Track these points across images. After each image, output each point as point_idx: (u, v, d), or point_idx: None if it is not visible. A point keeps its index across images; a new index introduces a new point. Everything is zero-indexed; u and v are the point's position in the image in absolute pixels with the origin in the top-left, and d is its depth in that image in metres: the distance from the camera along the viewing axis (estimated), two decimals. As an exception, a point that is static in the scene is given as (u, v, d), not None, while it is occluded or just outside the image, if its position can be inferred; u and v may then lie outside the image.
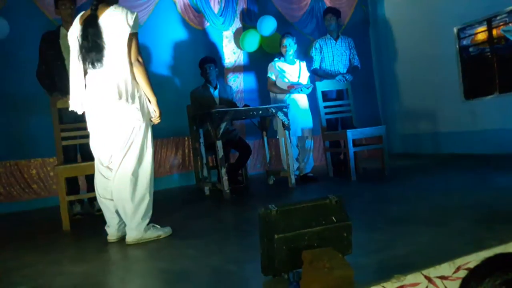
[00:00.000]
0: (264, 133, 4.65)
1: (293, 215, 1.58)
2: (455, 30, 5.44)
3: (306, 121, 4.54)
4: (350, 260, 1.47)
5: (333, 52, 4.73)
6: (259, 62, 5.64)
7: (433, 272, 1.49)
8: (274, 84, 4.56)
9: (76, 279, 1.99)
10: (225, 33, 5.63)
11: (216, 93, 4.59)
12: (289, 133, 4.11)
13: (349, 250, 1.62)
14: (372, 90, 6.65)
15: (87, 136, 3.50)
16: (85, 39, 2.46)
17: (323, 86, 4.61)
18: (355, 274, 1.36)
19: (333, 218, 1.60)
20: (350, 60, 4.82)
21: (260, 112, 4.08)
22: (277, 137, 4.60)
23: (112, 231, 2.67)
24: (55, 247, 2.71)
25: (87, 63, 2.48)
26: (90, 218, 3.66)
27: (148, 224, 2.59)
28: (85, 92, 2.54)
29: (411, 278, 1.46)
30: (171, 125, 5.13)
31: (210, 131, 3.93)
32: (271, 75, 4.56)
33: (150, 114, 2.60)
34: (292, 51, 4.52)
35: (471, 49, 5.44)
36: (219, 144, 3.81)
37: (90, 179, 3.76)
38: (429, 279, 1.48)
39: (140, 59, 2.50)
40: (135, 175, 2.52)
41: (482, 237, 1.87)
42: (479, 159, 4.72)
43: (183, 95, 4.92)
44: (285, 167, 4.32)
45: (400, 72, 6.37)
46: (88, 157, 3.75)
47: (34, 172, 4.55)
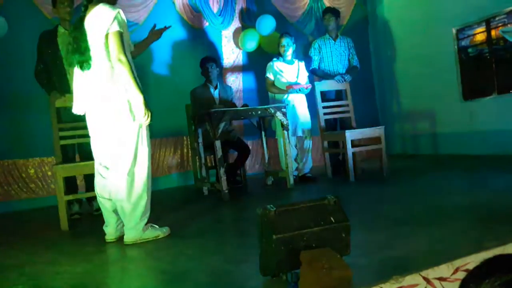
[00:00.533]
0: (263, 133, 4.65)
1: (291, 215, 1.58)
2: (454, 31, 5.45)
3: (304, 121, 4.54)
4: (349, 261, 1.47)
5: (332, 52, 4.73)
6: (258, 62, 5.63)
7: (431, 273, 1.49)
8: (273, 84, 4.56)
9: (75, 279, 1.99)
10: (224, 33, 5.62)
11: (216, 93, 4.58)
12: (287, 133, 4.11)
13: (348, 250, 1.62)
14: (371, 90, 6.65)
15: (86, 136, 3.49)
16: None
17: (322, 86, 4.60)
18: (353, 275, 1.36)
19: (332, 218, 1.60)
20: (349, 60, 4.82)
21: (259, 112, 4.08)
22: (276, 137, 4.60)
23: (110, 230, 2.67)
24: (54, 247, 2.70)
25: (74, 65, 2.50)
26: (88, 217, 3.66)
27: (146, 224, 2.59)
28: (82, 93, 2.55)
29: (409, 279, 1.46)
30: (169, 124, 5.14)
31: (209, 131, 3.93)
32: (270, 75, 4.56)
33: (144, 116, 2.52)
34: (290, 51, 4.52)
35: (470, 50, 5.45)
36: (217, 144, 3.81)
37: (89, 178, 3.76)
38: (427, 280, 1.48)
39: (122, 57, 2.40)
40: (131, 175, 2.51)
41: (480, 238, 1.87)
42: (477, 160, 4.73)
43: (181, 94, 4.91)
44: (283, 167, 4.32)
45: (399, 73, 6.37)
46: (87, 156, 3.75)
47: (32, 171, 4.54)
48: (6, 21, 4.26)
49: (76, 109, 2.61)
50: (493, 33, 5.09)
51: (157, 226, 2.65)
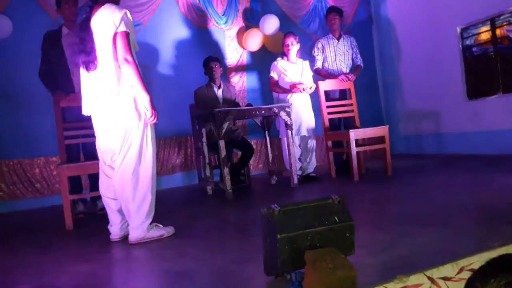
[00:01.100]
0: (267, 132, 4.65)
1: (295, 215, 1.58)
2: (458, 30, 5.42)
3: (308, 121, 4.53)
4: (353, 261, 1.47)
5: (335, 52, 4.73)
6: (261, 61, 5.63)
7: (436, 273, 1.49)
8: (277, 83, 4.55)
9: (79, 278, 2.00)
10: (228, 33, 5.63)
11: (219, 93, 4.59)
12: (291, 133, 4.11)
13: (352, 250, 1.62)
14: (375, 90, 6.64)
15: (90, 135, 3.52)
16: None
17: (326, 85, 4.60)
18: (357, 275, 1.36)
19: (336, 218, 1.60)
20: (353, 60, 4.81)
21: (263, 112, 4.08)
22: (280, 136, 4.60)
23: (115, 230, 2.68)
24: (58, 246, 2.71)
25: (81, 65, 2.51)
26: (93, 217, 3.67)
27: (151, 224, 2.59)
28: (88, 94, 2.57)
29: (413, 279, 1.45)
30: (173, 124, 5.15)
31: (213, 130, 3.94)
32: (274, 74, 4.56)
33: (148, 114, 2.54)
34: (295, 50, 4.52)
35: (474, 49, 5.43)
36: (221, 143, 3.81)
37: (93, 178, 3.78)
38: (432, 280, 1.48)
39: (128, 57, 2.43)
40: (136, 175, 2.52)
41: (485, 238, 1.86)
42: (482, 160, 4.71)
43: (185, 94, 4.92)
44: (287, 166, 4.32)
45: (403, 72, 6.35)
46: (91, 156, 3.77)
47: (37, 171, 4.56)
48: (11, 21, 4.28)
49: (86, 110, 2.62)
50: (498, 32, 5.07)
51: (161, 226, 2.65)
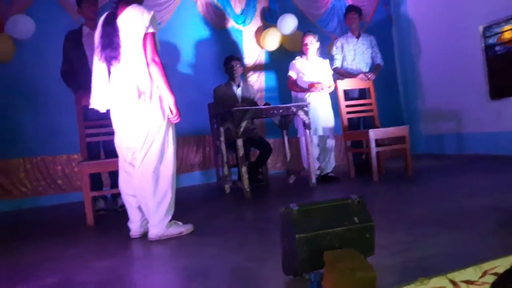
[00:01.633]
0: (285, 131, 4.64)
1: (314, 215, 1.57)
2: (481, 29, 5.31)
3: (327, 120, 4.50)
4: (373, 262, 1.45)
5: (354, 51, 4.68)
6: (279, 60, 5.62)
7: (458, 276, 1.46)
8: (295, 82, 4.54)
9: (100, 274, 2.03)
10: (246, 32, 5.63)
11: (238, 91, 4.60)
12: (310, 132, 4.09)
13: (372, 251, 1.60)
14: (395, 89, 6.55)
15: (111, 133, 3.56)
16: (102, 36, 2.52)
17: (345, 84, 4.56)
18: (377, 276, 1.35)
19: (355, 218, 1.59)
20: (372, 59, 4.76)
21: (281, 111, 4.07)
22: (298, 135, 4.58)
23: (134, 227, 2.71)
24: (80, 242, 2.77)
25: (104, 59, 2.52)
26: (113, 213, 3.73)
27: (170, 221, 2.62)
28: (107, 90, 2.57)
29: (435, 282, 1.43)
30: (192, 123, 5.18)
31: (231, 129, 3.95)
32: (292, 73, 4.55)
33: (162, 114, 2.57)
34: (314, 49, 4.49)
35: (497, 48, 5.30)
36: (239, 142, 3.82)
37: (113, 175, 3.83)
38: (454, 283, 1.45)
39: (156, 58, 2.49)
40: (157, 173, 2.55)
41: (509, 241, 1.82)
42: (504, 161, 4.60)
43: (204, 93, 4.95)
44: (305, 166, 4.30)
45: (423, 71, 6.25)
46: (111, 153, 3.81)
47: (59, 168, 4.65)
48: (33, 21, 4.37)
49: (95, 105, 2.61)
50: (522, 30, 4.95)
51: (180, 223, 2.68)
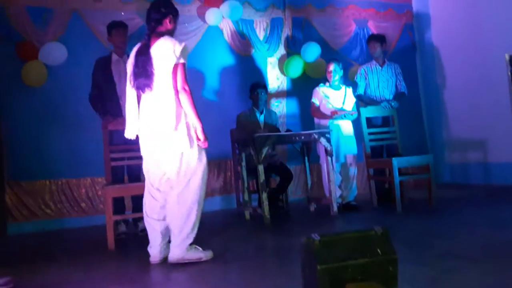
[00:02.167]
0: (306, 158, 4.62)
1: (337, 246, 1.55)
2: (507, 57, 5.24)
3: (350, 148, 4.47)
4: (396, 296, 1.42)
5: (378, 78, 4.68)
6: (302, 87, 5.66)
7: (486, 314, 1.41)
8: (318, 109, 4.55)
9: (120, 299, 2.03)
10: (270, 59, 5.72)
11: (261, 118, 4.64)
12: (331, 159, 4.06)
13: (395, 285, 1.56)
14: (419, 117, 6.48)
15: (135, 158, 3.65)
16: (136, 65, 2.65)
17: (368, 112, 4.54)
18: (401, 312, 1.31)
19: (378, 250, 1.56)
20: (396, 87, 4.75)
21: (303, 138, 4.07)
22: (320, 162, 4.55)
23: (154, 252, 2.72)
24: (101, 265, 2.79)
25: (136, 87, 2.65)
26: (134, 237, 3.75)
27: (191, 244, 2.63)
28: (137, 117, 2.70)
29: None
30: (214, 147, 5.18)
31: (253, 155, 3.96)
32: (315, 100, 4.56)
33: (195, 142, 2.67)
34: (338, 77, 4.51)
35: (524, 76, 5.22)
36: (260, 168, 3.83)
37: (136, 199, 3.87)
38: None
39: (186, 87, 2.60)
40: (184, 196, 2.62)
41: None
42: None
43: (227, 118, 5.01)
44: (327, 194, 4.26)
45: (448, 99, 6.18)
46: (135, 178, 3.89)
47: (83, 190, 4.73)
48: (66, 48, 4.55)
49: (129, 135, 2.76)
50: (550, 59, 4.86)
51: (200, 249, 2.67)
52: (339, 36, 6.05)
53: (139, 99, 2.69)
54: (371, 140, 4.50)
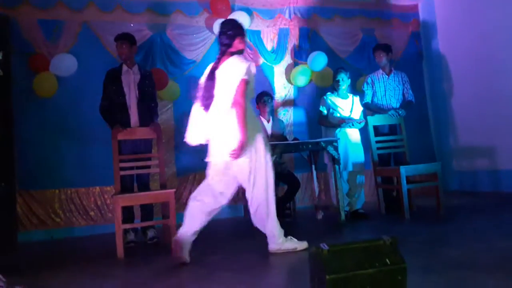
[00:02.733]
0: (314, 166, 4.63)
1: (345, 255, 1.56)
2: (515, 64, 5.24)
3: (357, 156, 4.48)
4: (406, 306, 1.42)
5: (385, 87, 4.69)
6: (308, 96, 5.70)
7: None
8: (326, 118, 4.56)
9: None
10: (277, 69, 5.76)
11: (268, 127, 4.67)
12: (339, 168, 4.07)
13: (404, 294, 1.57)
14: (426, 125, 6.47)
15: (144, 167, 3.69)
16: (205, 88, 2.97)
17: (375, 120, 4.55)
18: (411, 321, 1.32)
19: (387, 260, 1.57)
20: (403, 95, 4.75)
21: (310, 146, 4.09)
22: (327, 171, 4.56)
23: (182, 231, 2.87)
24: (110, 274, 2.81)
25: (203, 107, 2.96)
26: (142, 246, 3.77)
27: (286, 236, 2.97)
28: (201, 129, 3.00)
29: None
30: (222, 157, 5.25)
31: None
32: (323, 109, 4.58)
33: (262, 150, 2.92)
34: (345, 86, 4.54)
35: (533, 84, 5.20)
36: (268, 177, 3.83)
37: (144, 208, 3.91)
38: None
39: (241, 101, 2.80)
40: (257, 197, 2.93)
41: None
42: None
43: (234, 128, 5.04)
44: (334, 202, 4.26)
45: (455, 107, 6.17)
46: (144, 187, 3.93)
47: (92, 199, 4.78)
48: (76, 60, 4.63)
49: (190, 140, 3.05)
50: (558, 66, 4.85)
51: (295, 239, 3.00)
52: (346, 45, 6.08)
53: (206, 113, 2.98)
54: (378, 148, 4.51)
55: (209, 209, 2.95)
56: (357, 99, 4.63)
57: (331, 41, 5.99)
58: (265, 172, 2.91)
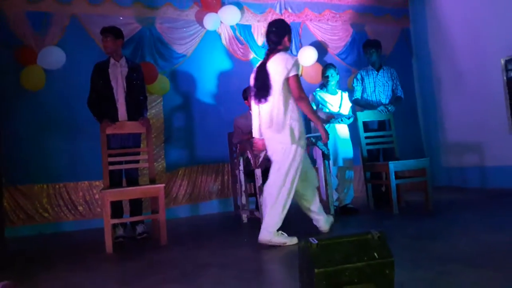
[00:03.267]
0: (304, 162, 4.63)
1: (334, 249, 1.56)
2: (503, 62, 5.29)
3: (346, 151, 4.50)
4: (393, 299, 1.43)
5: (375, 83, 4.71)
6: (299, 91, 5.70)
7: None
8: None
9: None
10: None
11: (258, 122, 4.65)
12: (328, 163, 4.09)
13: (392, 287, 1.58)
14: (415, 121, 6.53)
15: (133, 162, 3.67)
16: (256, 80, 3.19)
17: (365, 116, 4.57)
18: (398, 314, 1.33)
19: (375, 254, 1.58)
20: (393, 91, 4.78)
21: (300, 142, 4.08)
22: (316, 166, 4.57)
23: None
24: (99, 269, 2.80)
25: (258, 101, 3.15)
26: (131, 241, 3.75)
27: (278, 230, 3.02)
28: (258, 122, 3.26)
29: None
30: (212, 151, 5.26)
31: (250, 159, 3.98)
32: (312, 104, 4.58)
33: (302, 140, 3.09)
34: (334, 82, 4.54)
35: (520, 81, 5.26)
36: (258, 172, 3.84)
37: (133, 203, 3.89)
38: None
39: (303, 95, 3.04)
40: (275, 185, 3.04)
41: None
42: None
43: (225, 123, 5.04)
44: (323, 197, 4.27)
45: (444, 104, 6.23)
46: (133, 181, 3.90)
47: (80, 194, 4.74)
48: (64, 53, 4.57)
49: (257, 134, 3.32)
50: (545, 63, 4.91)
51: (285, 234, 3.03)
52: (336, 41, 6.09)
53: (259, 106, 3.20)
54: (368, 144, 4.53)
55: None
56: (345, 95, 4.64)
57: (321, 36, 6.00)
58: (288, 167, 3.03)
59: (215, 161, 5.35)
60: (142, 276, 2.52)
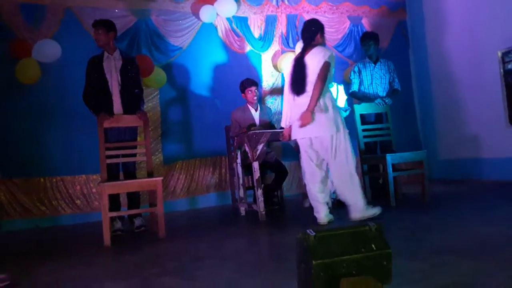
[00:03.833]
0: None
1: (331, 241, 1.57)
2: (499, 54, 5.30)
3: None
4: (390, 290, 1.44)
5: (372, 75, 4.70)
6: (296, 84, 5.69)
7: (478, 306, 1.44)
8: (312, 106, 4.57)
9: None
10: (264, 56, 5.73)
11: (256, 115, 4.65)
12: (326, 156, 4.08)
13: (389, 279, 1.59)
14: (412, 113, 6.54)
15: (130, 155, 3.66)
16: (294, 73, 3.36)
17: (362, 109, 4.57)
18: (395, 305, 1.34)
19: (373, 245, 1.58)
20: (390, 84, 4.77)
21: (298, 134, 4.08)
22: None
23: (321, 216, 3.34)
24: (97, 262, 2.80)
25: (296, 93, 3.33)
26: (129, 234, 3.75)
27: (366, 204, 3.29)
28: (290, 112, 3.44)
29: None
30: (209, 144, 5.25)
31: (247, 152, 3.98)
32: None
33: (342, 129, 3.30)
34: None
35: (516, 73, 5.27)
36: (255, 165, 3.84)
37: (131, 196, 3.88)
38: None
39: (323, 76, 3.18)
40: (340, 171, 3.27)
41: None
42: (526, 187, 4.51)
43: (222, 115, 5.03)
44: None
45: (441, 96, 6.24)
46: (130, 175, 3.89)
47: (78, 188, 4.73)
48: (59, 46, 4.54)
49: (284, 124, 3.52)
50: (542, 56, 4.91)
51: (371, 206, 3.34)
52: (333, 33, 6.07)
53: (294, 98, 3.36)
54: (365, 137, 4.53)
55: (321, 178, 3.38)
56: (341, 87, 4.65)
57: (318, 28, 5.97)
58: (345, 148, 3.27)
59: (212, 154, 5.35)
60: (140, 269, 2.53)
